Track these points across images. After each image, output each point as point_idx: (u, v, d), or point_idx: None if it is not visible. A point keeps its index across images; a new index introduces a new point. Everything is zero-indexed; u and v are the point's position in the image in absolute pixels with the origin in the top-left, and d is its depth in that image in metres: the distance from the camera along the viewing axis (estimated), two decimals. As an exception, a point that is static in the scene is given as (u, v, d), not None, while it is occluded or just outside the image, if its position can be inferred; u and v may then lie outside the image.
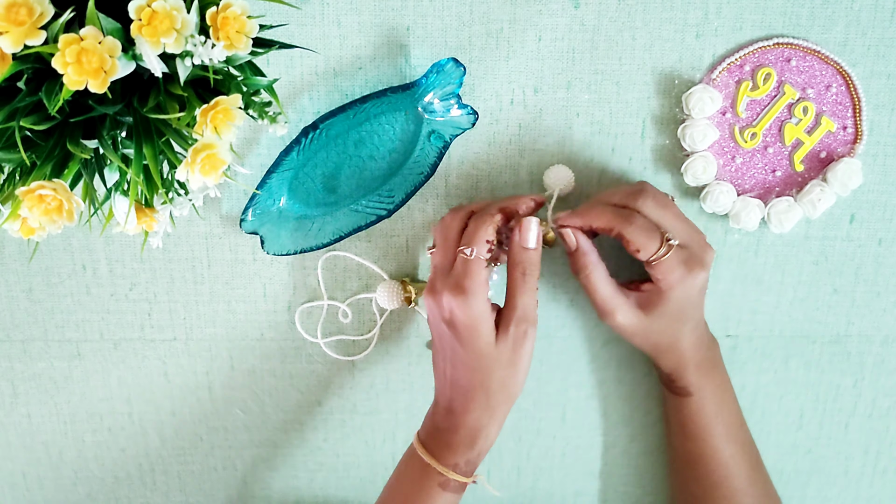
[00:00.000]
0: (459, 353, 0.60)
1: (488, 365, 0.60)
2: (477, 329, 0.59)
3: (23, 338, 0.72)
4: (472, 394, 0.60)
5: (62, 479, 0.77)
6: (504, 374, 0.60)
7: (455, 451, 0.61)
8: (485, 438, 0.62)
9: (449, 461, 0.61)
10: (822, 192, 0.65)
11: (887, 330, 0.72)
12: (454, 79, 0.61)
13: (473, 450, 0.61)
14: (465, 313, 0.58)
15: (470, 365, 0.60)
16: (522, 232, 0.60)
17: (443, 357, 0.62)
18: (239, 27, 0.45)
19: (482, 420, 0.61)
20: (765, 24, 0.63)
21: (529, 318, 0.60)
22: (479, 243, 0.59)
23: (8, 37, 0.41)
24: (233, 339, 0.72)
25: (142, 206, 0.54)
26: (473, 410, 0.61)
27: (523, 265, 0.60)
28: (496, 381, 0.60)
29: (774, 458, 0.75)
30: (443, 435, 0.62)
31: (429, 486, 0.61)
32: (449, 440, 0.61)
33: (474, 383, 0.60)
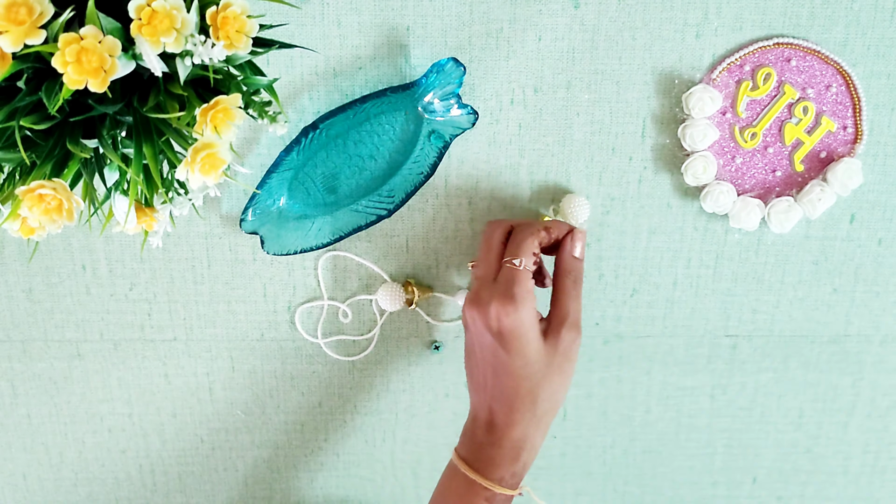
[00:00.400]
0: (505, 362, 0.60)
1: (537, 372, 0.60)
2: (526, 336, 0.59)
3: (23, 338, 0.72)
4: (517, 404, 0.60)
5: (62, 479, 0.77)
6: (553, 381, 0.60)
7: (500, 465, 0.60)
8: (530, 450, 0.61)
9: (494, 476, 0.60)
10: (823, 192, 0.65)
11: (886, 330, 0.72)
12: (454, 79, 0.61)
13: (518, 462, 0.61)
14: (515, 321, 0.58)
15: (516, 373, 0.59)
16: (574, 241, 0.63)
17: (483, 370, 0.61)
18: (239, 27, 0.45)
19: (528, 431, 0.60)
20: (765, 24, 0.63)
21: (579, 324, 0.61)
22: (527, 254, 0.60)
23: (8, 36, 0.41)
24: (233, 339, 0.72)
25: (142, 206, 0.54)
26: (519, 423, 0.60)
27: (574, 273, 0.62)
28: (545, 389, 0.60)
29: (774, 457, 0.75)
30: (485, 450, 0.61)
31: (476, 502, 0.60)
32: (492, 455, 0.60)
33: (521, 393, 0.60)
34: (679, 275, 0.70)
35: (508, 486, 0.60)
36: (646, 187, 0.67)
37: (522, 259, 0.60)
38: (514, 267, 0.60)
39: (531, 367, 0.59)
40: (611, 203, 0.68)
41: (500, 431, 0.60)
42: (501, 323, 0.59)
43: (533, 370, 0.59)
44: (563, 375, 0.61)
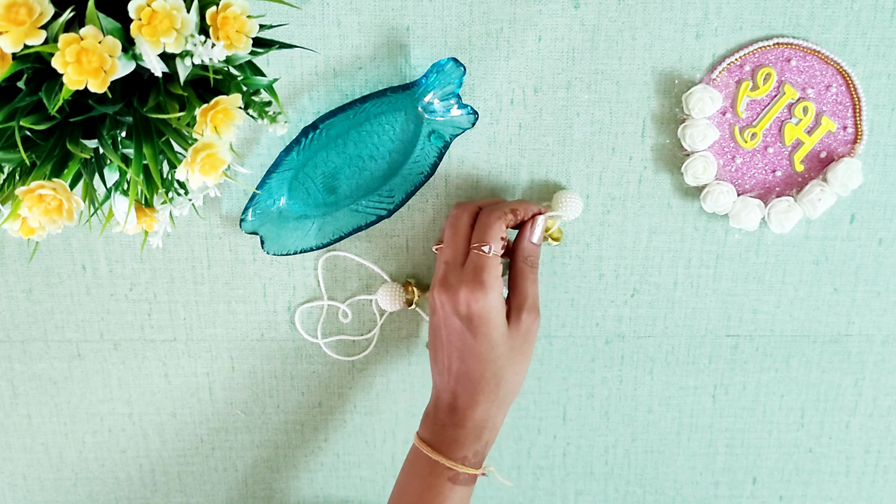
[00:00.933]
0: (471, 346, 0.61)
1: (501, 355, 0.61)
2: (493, 321, 0.60)
3: (23, 338, 0.72)
4: (481, 386, 0.61)
5: (62, 479, 0.77)
6: (516, 363, 0.62)
7: (462, 444, 0.61)
8: (491, 429, 0.62)
9: (457, 455, 0.61)
10: (823, 193, 0.65)
11: (888, 329, 0.72)
12: (454, 79, 0.61)
13: (481, 440, 0.62)
14: (484, 307, 0.60)
15: (482, 357, 0.61)
16: (533, 227, 0.64)
17: (448, 353, 0.62)
18: (239, 27, 0.45)
19: (490, 412, 0.62)
20: (765, 24, 0.63)
21: (538, 306, 0.63)
22: (495, 240, 0.61)
23: (8, 36, 0.41)
24: (233, 339, 0.72)
25: (142, 206, 0.54)
26: (481, 403, 0.61)
27: (531, 258, 0.64)
28: (508, 371, 0.61)
29: (776, 456, 0.75)
30: (447, 430, 0.62)
31: (439, 483, 0.61)
32: (455, 435, 0.61)
33: (486, 375, 0.61)
34: (680, 275, 0.70)
35: (471, 465, 0.62)
36: (646, 187, 0.67)
37: (491, 245, 0.61)
38: (482, 254, 0.60)
39: (496, 351, 0.61)
40: (611, 203, 0.68)
41: (462, 413, 0.61)
42: (471, 308, 0.60)
43: (498, 353, 0.61)
44: (524, 357, 0.63)
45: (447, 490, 0.61)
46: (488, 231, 0.61)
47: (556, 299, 0.71)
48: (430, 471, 0.61)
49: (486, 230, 0.61)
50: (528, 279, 0.63)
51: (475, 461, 0.62)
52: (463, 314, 0.60)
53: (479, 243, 0.61)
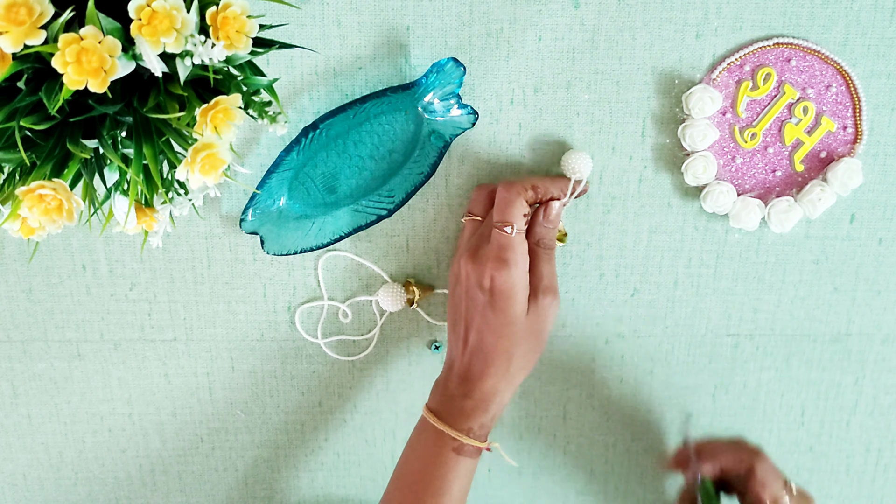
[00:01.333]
0: (490, 320, 0.61)
1: (516, 332, 0.61)
2: (515, 297, 0.61)
3: (23, 338, 0.72)
4: (493, 359, 0.61)
5: (62, 479, 0.77)
6: (530, 342, 0.62)
7: (469, 416, 0.62)
8: (499, 403, 0.63)
9: (462, 426, 0.62)
10: (823, 192, 0.65)
11: (888, 328, 0.72)
12: (454, 79, 0.61)
13: (487, 414, 0.62)
14: (506, 281, 0.60)
15: (498, 331, 0.61)
16: (547, 212, 0.64)
17: (466, 324, 0.63)
18: (239, 27, 0.45)
19: (499, 386, 0.62)
20: (765, 24, 0.63)
21: (554, 287, 0.63)
22: (517, 219, 0.61)
23: (8, 36, 0.41)
24: (233, 339, 0.72)
25: (142, 206, 0.54)
26: (492, 376, 0.62)
27: (545, 240, 0.64)
28: (520, 348, 0.62)
29: (776, 455, 0.75)
30: (456, 401, 0.62)
31: (444, 453, 0.62)
32: (462, 406, 0.62)
33: (499, 349, 0.61)
34: (680, 274, 0.70)
35: (476, 437, 0.62)
36: (646, 187, 0.67)
37: (513, 225, 0.61)
38: (504, 233, 0.61)
39: (512, 327, 0.61)
40: (611, 202, 0.68)
41: (472, 384, 0.62)
42: (494, 283, 0.60)
43: (513, 330, 0.61)
44: (538, 338, 0.63)
45: (451, 460, 0.61)
46: (508, 209, 0.61)
47: (556, 299, 0.71)
48: (436, 440, 0.62)
49: (507, 207, 0.61)
50: (542, 261, 0.63)
51: (480, 433, 0.62)
52: (486, 287, 0.61)
53: (501, 222, 0.61)
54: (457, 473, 0.62)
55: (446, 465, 0.61)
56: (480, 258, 0.61)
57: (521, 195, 0.62)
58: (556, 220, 0.64)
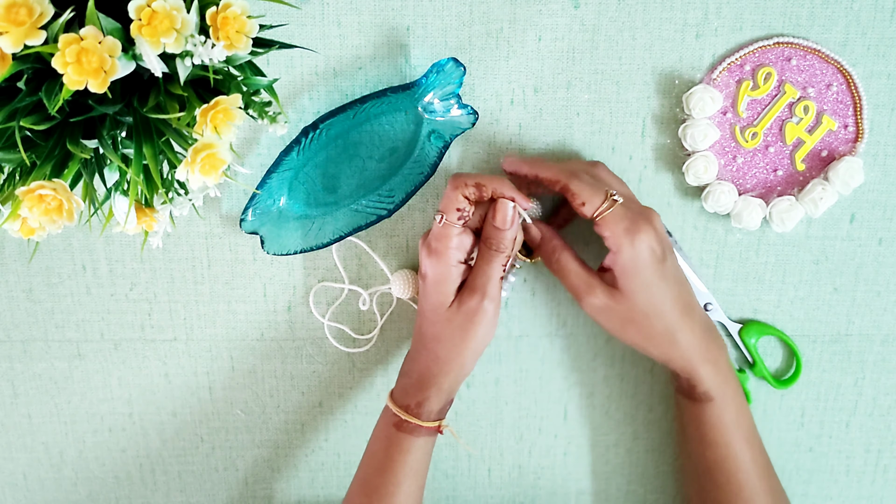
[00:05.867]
0: (422, 305, 0.64)
1: (440, 321, 0.63)
2: (438, 287, 0.62)
3: (23, 338, 0.72)
4: (424, 342, 0.64)
5: (63, 479, 0.77)
6: (455, 336, 0.63)
7: (408, 392, 0.65)
8: (436, 387, 0.64)
9: (402, 402, 0.65)
10: (824, 191, 0.65)
11: (888, 329, 0.72)
12: (454, 79, 0.61)
13: (424, 393, 0.64)
14: (433, 271, 0.62)
15: (426, 317, 0.64)
16: (496, 212, 0.61)
17: (420, 306, 0.65)
18: (239, 27, 0.45)
19: (431, 370, 0.64)
20: (765, 24, 0.63)
21: (487, 292, 0.62)
22: (449, 210, 0.61)
23: (8, 37, 0.41)
24: (233, 339, 0.72)
25: (142, 206, 0.54)
26: (422, 359, 0.65)
27: (492, 241, 0.62)
28: (446, 342, 0.63)
29: (776, 456, 0.75)
30: (402, 379, 0.66)
31: (388, 428, 0.65)
32: (404, 383, 0.65)
33: (426, 335, 0.64)
34: (680, 274, 0.70)
35: (414, 414, 0.64)
36: (646, 186, 0.67)
37: (444, 216, 0.61)
38: (435, 221, 0.62)
39: (435, 315, 0.63)
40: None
41: (411, 363, 0.66)
42: (424, 270, 0.63)
43: (437, 319, 0.63)
44: (464, 336, 0.63)
45: (393, 435, 0.65)
46: (445, 199, 0.62)
47: (556, 298, 0.71)
48: (383, 417, 0.66)
49: (444, 198, 0.62)
50: (483, 260, 0.62)
51: (418, 412, 0.64)
52: (421, 274, 0.64)
53: (437, 211, 0.62)
54: (399, 449, 0.64)
55: (389, 439, 0.65)
56: (421, 246, 0.63)
57: (458, 189, 0.60)
58: (503, 222, 0.61)
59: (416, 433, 0.64)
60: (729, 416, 0.65)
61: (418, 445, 0.64)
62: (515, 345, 0.72)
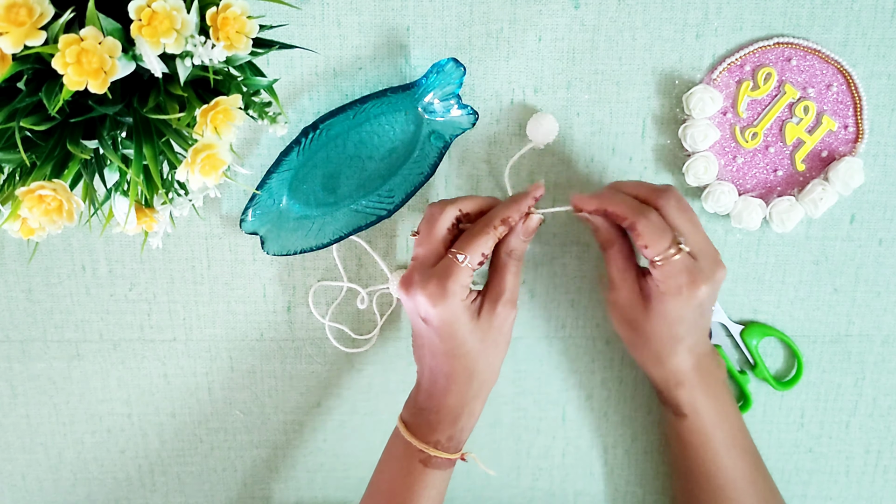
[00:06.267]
0: (437, 345, 0.61)
1: (471, 349, 0.61)
2: (456, 324, 0.60)
3: (22, 338, 0.71)
4: (452, 378, 0.61)
5: (61, 480, 0.77)
6: (489, 355, 0.62)
7: (436, 428, 0.62)
8: (468, 416, 0.62)
9: (430, 438, 0.62)
10: (824, 192, 0.65)
11: (888, 329, 0.72)
12: (454, 79, 0.61)
13: (455, 426, 0.62)
14: (442, 313, 0.59)
15: (451, 353, 0.61)
16: (527, 225, 0.62)
17: (420, 345, 0.63)
18: (239, 27, 0.45)
19: (464, 399, 0.62)
20: (765, 25, 0.63)
21: (515, 300, 0.62)
22: (476, 254, 0.59)
23: (8, 37, 0.41)
24: (232, 339, 0.72)
25: (142, 207, 0.54)
26: (454, 393, 0.61)
27: (518, 252, 0.62)
28: (481, 363, 0.61)
29: (776, 456, 0.75)
30: (425, 414, 0.62)
31: (411, 465, 0.62)
32: (430, 419, 0.62)
33: (457, 369, 0.61)
34: (679, 275, 0.70)
35: (444, 449, 0.62)
36: (646, 187, 0.67)
37: (469, 257, 0.59)
38: (457, 262, 0.59)
39: (465, 347, 0.61)
40: (611, 203, 0.68)
41: (437, 399, 0.62)
42: (429, 314, 0.59)
43: (467, 349, 0.61)
44: (497, 348, 0.62)
45: (418, 472, 0.61)
46: (474, 243, 0.59)
47: (556, 299, 0.71)
48: (405, 452, 0.62)
49: (473, 242, 0.59)
50: (510, 272, 0.62)
51: (448, 445, 0.62)
52: (422, 316, 0.60)
53: (459, 251, 0.59)
54: (424, 485, 0.62)
55: (413, 475, 0.62)
56: (414, 286, 0.60)
57: (491, 235, 0.60)
58: (533, 233, 0.63)
59: (444, 466, 0.62)
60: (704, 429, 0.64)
61: (444, 477, 0.63)
62: (514, 346, 0.72)
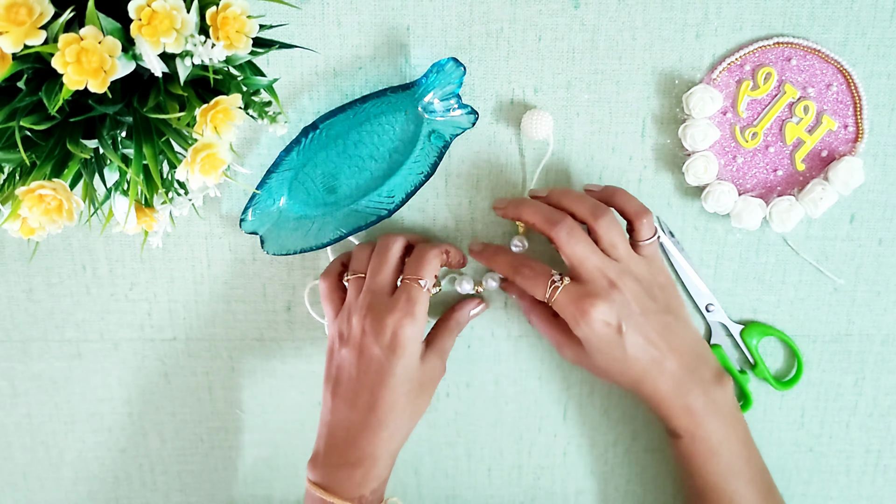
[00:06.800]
0: (385, 376, 0.61)
1: (409, 389, 0.62)
2: (412, 351, 0.61)
3: (23, 338, 0.72)
4: (388, 417, 0.61)
5: (62, 479, 0.77)
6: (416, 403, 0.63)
7: (360, 483, 0.61)
8: (389, 465, 0.63)
9: (354, 495, 0.61)
10: (824, 192, 0.65)
11: (888, 329, 0.72)
12: (454, 79, 0.61)
13: (380, 478, 0.62)
14: (409, 334, 0.60)
15: (393, 387, 0.61)
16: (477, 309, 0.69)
17: (360, 383, 0.61)
18: (239, 27, 0.45)
19: (390, 445, 0.62)
20: (765, 24, 0.63)
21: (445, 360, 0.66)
22: (430, 276, 0.62)
23: (8, 37, 0.41)
24: (232, 339, 0.72)
25: (142, 206, 0.54)
26: (383, 437, 0.61)
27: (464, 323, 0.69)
28: (409, 408, 0.62)
29: (776, 456, 0.75)
30: (343, 470, 0.61)
31: None
32: (351, 474, 0.61)
33: (395, 407, 0.61)
34: (679, 274, 0.70)
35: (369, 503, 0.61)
36: (646, 187, 0.67)
37: (426, 280, 0.61)
38: (418, 286, 0.61)
39: (407, 384, 0.62)
40: (611, 203, 0.68)
41: (361, 448, 0.61)
42: (396, 334, 0.60)
43: (407, 387, 0.62)
44: (423, 398, 0.63)
45: None
46: (426, 266, 0.62)
47: (556, 299, 0.71)
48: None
49: (425, 265, 0.62)
50: (453, 334, 0.67)
51: (373, 498, 0.62)
52: (386, 341, 0.60)
53: (416, 276, 0.61)
54: None
55: None
56: (380, 312, 0.61)
57: (438, 257, 0.63)
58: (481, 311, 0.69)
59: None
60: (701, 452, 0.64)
61: None
62: (515, 345, 0.72)
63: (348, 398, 0.62)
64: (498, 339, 0.72)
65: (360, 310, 0.62)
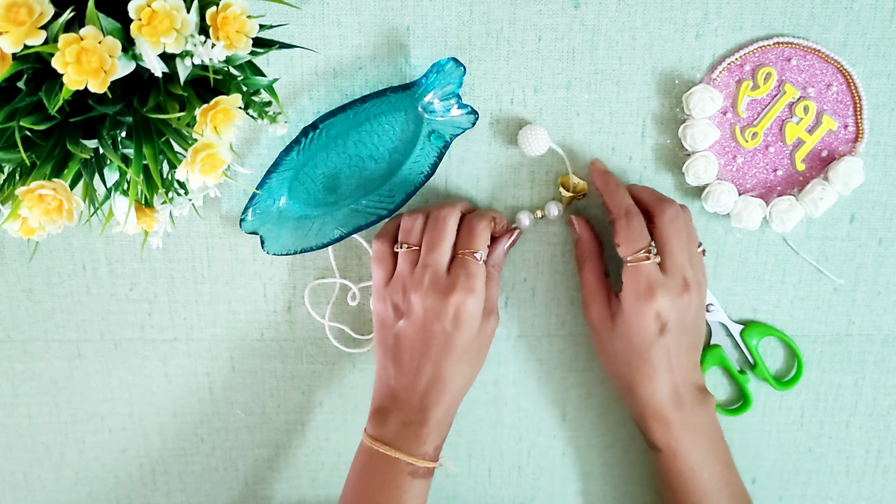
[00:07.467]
0: (449, 350, 0.62)
1: (472, 356, 0.63)
2: (475, 323, 0.62)
3: (23, 338, 0.72)
4: (451, 385, 0.63)
5: (63, 479, 0.77)
6: (472, 362, 0.64)
7: (425, 440, 0.63)
8: (450, 424, 0.65)
9: (419, 451, 0.63)
10: (824, 192, 0.65)
11: (888, 329, 0.72)
12: (454, 79, 0.61)
13: (442, 436, 0.64)
14: (474, 310, 0.61)
15: (457, 358, 0.62)
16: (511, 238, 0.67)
17: (422, 355, 0.62)
18: (239, 27, 0.45)
19: (452, 408, 0.64)
20: (765, 24, 0.63)
21: (496, 309, 0.65)
22: (483, 247, 0.62)
23: (8, 37, 0.41)
24: (233, 339, 0.72)
25: (142, 206, 0.54)
26: (445, 402, 0.63)
27: (500, 264, 0.67)
28: (467, 369, 0.64)
29: (776, 457, 0.75)
30: (411, 428, 0.63)
31: (398, 478, 0.62)
32: (418, 433, 0.63)
33: (456, 375, 0.63)
34: (680, 274, 0.70)
35: (431, 459, 0.64)
36: (646, 187, 0.67)
37: (481, 252, 0.62)
38: (475, 260, 0.62)
39: (469, 353, 0.63)
40: (611, 203, 0.68)
41: (429, 411, 0.63)
42: (460, 311, 0.61)
43: (469, 355, 0.63)
44: (479, 357, 0.65)
45: (407, 484, 0.62)
46: (479, 237, 0.62)
47: (555, 298, 0.71)
48: (391, 467, 0.62)
49: (477, 236, 0.62)
50: (496, 281, 0.65)
51: (434, 455, 0.64)
52: (449, 319, 0.61)
53: (471, 249, 0.62)
54: (413, 495, 0.63)
55: (401, 488, 0.62)
56: (440, 292, 0.61)
57: (488, 227, 0.63)
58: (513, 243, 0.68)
59: (430, 475, 0.64)
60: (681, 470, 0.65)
61: (429, 482, 0.64)
62: (514, 345, 0.72)
63: (412, 368, 0.63)
64: (498, 339, 0.72)
65: (419, 286, 0.62)
